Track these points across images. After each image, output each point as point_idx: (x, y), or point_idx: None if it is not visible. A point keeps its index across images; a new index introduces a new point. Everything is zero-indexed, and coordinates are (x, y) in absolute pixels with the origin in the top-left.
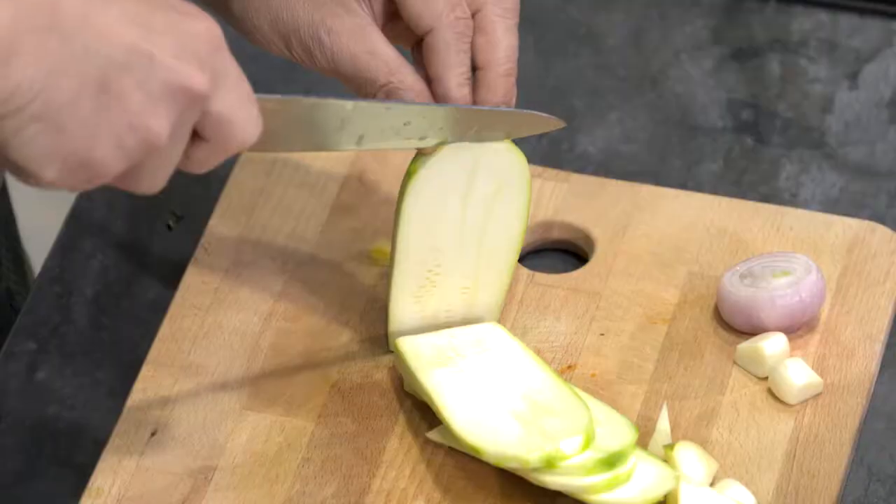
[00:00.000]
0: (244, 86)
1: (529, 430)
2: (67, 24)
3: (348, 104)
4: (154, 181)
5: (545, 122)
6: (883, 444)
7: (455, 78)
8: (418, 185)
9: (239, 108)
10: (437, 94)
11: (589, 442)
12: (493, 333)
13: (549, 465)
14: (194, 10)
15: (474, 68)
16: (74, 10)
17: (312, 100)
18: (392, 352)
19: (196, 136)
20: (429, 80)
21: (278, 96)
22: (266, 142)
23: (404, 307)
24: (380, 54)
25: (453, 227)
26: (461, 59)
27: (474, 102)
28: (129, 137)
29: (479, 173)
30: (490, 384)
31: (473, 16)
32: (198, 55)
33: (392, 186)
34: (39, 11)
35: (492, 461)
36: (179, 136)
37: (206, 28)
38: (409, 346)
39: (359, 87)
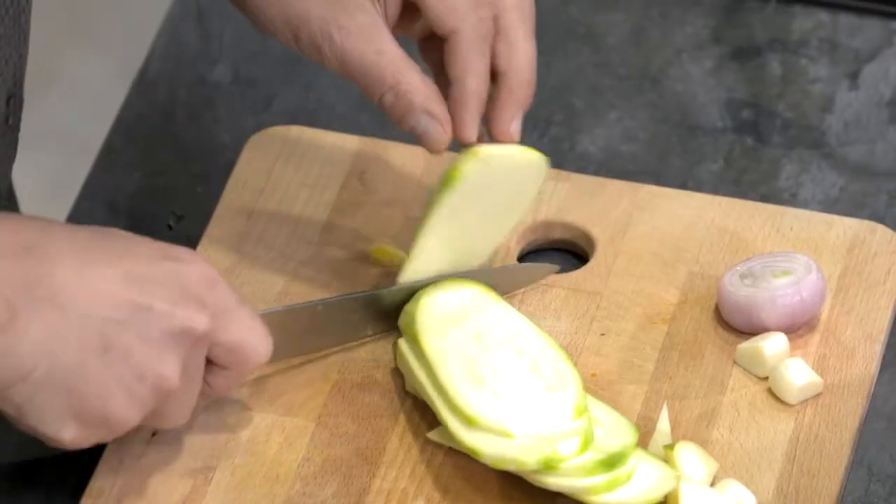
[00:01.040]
0: (247, 310)
1: None
2: (64, 293)
3: (359, 297)
4: (178, 417)
5: (539, 271)
6: (883, 443)
7: (474, 80)
8: (462, 184)
9: (247, 332)
10: (454, 95)
11: (587, 444)
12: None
13: (548, 467)
14: (186, 253)
15: (492, 73)
16: (69, 278)
17: (318, 303)
18: (397, 332)
19: (212, 364)
20: (436, 78)
21: (281, 308)
22: (282, 350)
23: (431, 251)
24: (388, 54)
25: (477, 219)
26: (483, 62)
27: (492, 107)
28: (140, 387)
29: (508, 176)
30: None
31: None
32: (196, 297)
33: (393, 186)
34: (36, 281)
35: (490, 463)
36: (192, 374)
37: (199, 270)
38: (409, 345)
39: (366, 86)
